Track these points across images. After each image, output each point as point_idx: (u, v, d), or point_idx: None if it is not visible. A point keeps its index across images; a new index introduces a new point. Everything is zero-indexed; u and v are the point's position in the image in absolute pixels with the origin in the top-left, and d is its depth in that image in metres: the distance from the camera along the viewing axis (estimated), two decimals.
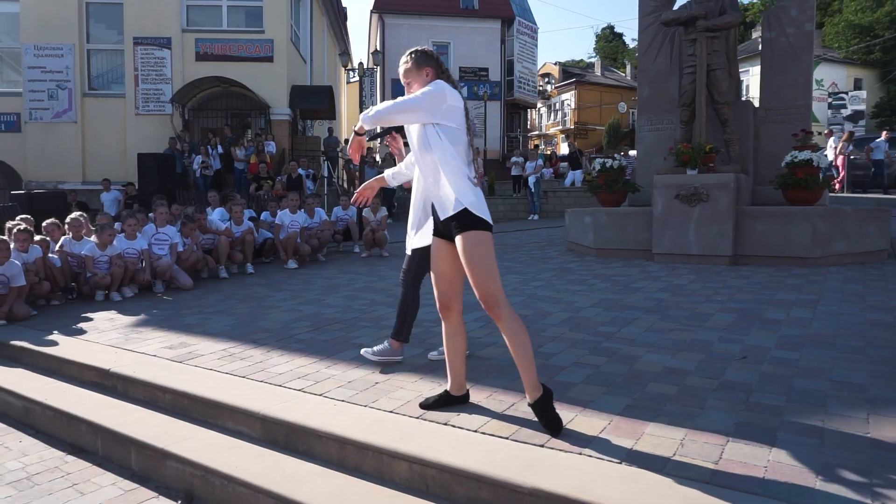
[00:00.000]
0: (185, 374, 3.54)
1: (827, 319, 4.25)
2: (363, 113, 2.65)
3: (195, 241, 6.94)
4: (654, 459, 2.27)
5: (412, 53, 2.82)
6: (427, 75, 2.76)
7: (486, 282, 2.54)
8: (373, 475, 2.50)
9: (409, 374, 3.41)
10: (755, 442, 2.38)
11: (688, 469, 2.19)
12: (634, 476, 2.13)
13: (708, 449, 2.34)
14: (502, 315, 2.58)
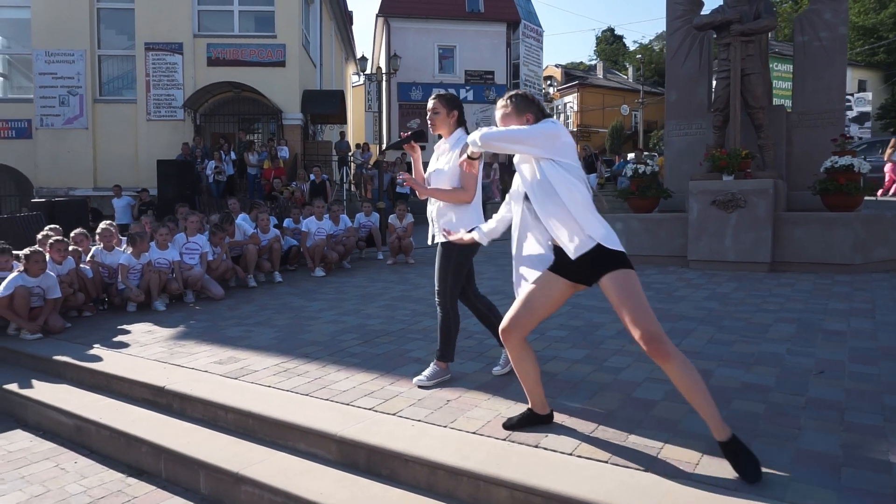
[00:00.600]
0: (245, 392, 3.44)
1: (891, 331, 4.16)
2: (471, 136, 2.53)
3: (225, 249, 6.84)
4: (768, 484, 2.17)
5: (512, 98, 2.65)
6: (528, 121, 2.59)
7: (645, 320, 2.30)
8: (467, 501, 2.41)
9: (479, 391, 3.31)
10: (870, 469, 2.28)
11: (810, 497, 2.09)
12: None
13: (821, 474, 2.24)
14: (669, 354, 2.28)
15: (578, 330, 4.54)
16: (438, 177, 3.39)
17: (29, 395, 4.08)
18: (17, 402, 4.16)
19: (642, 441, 2.59)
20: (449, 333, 3.44)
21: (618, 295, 2.36)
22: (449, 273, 3.39)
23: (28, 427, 4.03)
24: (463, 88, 28.24)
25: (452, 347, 3.47)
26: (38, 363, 4.61)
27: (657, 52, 61.38)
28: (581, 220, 2.40)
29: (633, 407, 2.98)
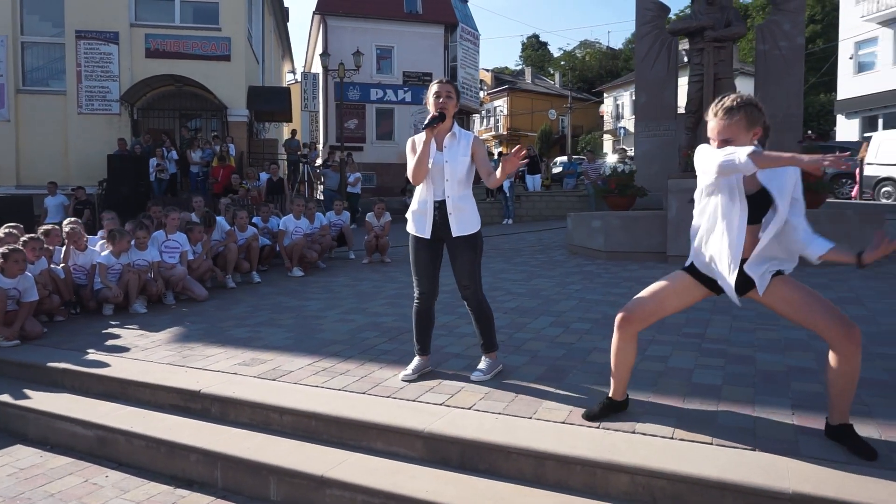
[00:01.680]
0: (294, 393, 3.27)
1: (888, 317, 4.48)
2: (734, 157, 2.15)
3: (206, 248, 6.48)
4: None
5: (743, 107, 2.28)
6: (755, 135, 2.32)
7: (832, 312, 2.34)
8: (582, 490, 2.38)
9: (537, 383, 3.29)
10: None
11: None
12: (847, 481, 2.13)
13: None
14: (860, 345, 2.30)
15: (599, 322, 4.61)
16: (456, 167, 3.23)
17: (29, 406, 3.71)
18: (12, 415, 3.76)
19: (731, 422, 2.66)
20: (490, 323, 3.42)
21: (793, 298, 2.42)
22: (477, 265, 3.35)
23: (29, 441, 3.64)
24: (401, 89, 28.14)
25: (495, 336, 3.45)
26: (26, 371, 4.19)
27: (581, 58, 63.62)
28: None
29: (701, 392, 3.05)
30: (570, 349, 3.92)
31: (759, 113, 2.31)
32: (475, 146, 3.30)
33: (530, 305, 5.28)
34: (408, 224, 3.40)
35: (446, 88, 3.22)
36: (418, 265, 3.36)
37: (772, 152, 2.11)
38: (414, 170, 3.21)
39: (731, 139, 2.28)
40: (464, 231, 3.24)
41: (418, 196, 3.33)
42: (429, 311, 3.45)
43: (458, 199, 3.24)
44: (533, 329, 4.47)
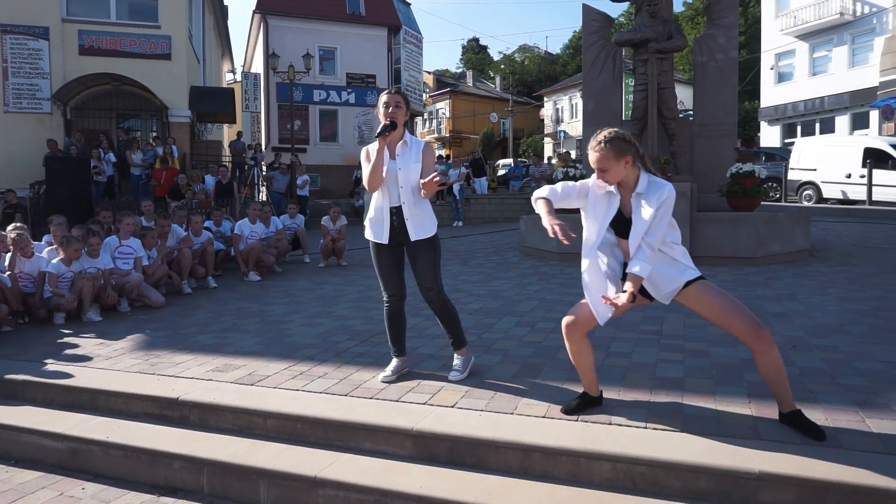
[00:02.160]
0: (277, 398, 3.30)
1: (820, 312, 4.88)
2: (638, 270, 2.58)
3: (161, 253, 6.33)
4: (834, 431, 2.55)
5: (609, 142, 2.60)
6: (626, 163, 2.62)
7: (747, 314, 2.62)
8: (567, 479, 2.55)
9: (513, 382, 3.45)
10: (886, 415, 2.75)
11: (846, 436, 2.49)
12: (805, 461, 2.39)
13: (852, 425, 2.67)
14: (773, 341, 2.59)
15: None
16: (409, 174, 3.33)
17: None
18: None
19: (696, 412, 2.88)
20: (456, 320, 3.55)
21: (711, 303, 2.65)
22: (437, 267, 3.48)
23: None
24: (344, 91, 27.94)
25: (463, 332, 3.58)
26: None
27: (520, 62, 64.85)
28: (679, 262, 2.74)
29: (666, 385, 3.28)
30: (538, 347, 4.10)
31: (626, 144, 2.62)
32: (424, 154, 3.39)
33: (493, 306, 5.45)
34: (366, 231, 3.50)
35: (395, 98, 3.32)
36: (382, 270, 3.47)
37: (542, 205, 2.76)
38: (369, 178, 3.31)
39: (605, 168, 2.62)
40: (422, 235, 3.38)
41: (374, 203, 3.43)
42: (399, 312, 3.55)
43: (413, 204, 3.35)
44: (500, 329, 4.63)
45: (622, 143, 2.61)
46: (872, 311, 4.85)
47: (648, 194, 2.62)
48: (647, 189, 2.64)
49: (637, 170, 2.67)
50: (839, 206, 14.25)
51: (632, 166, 2.64)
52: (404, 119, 3.37)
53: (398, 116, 3.31)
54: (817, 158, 15.96)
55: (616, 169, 2.62)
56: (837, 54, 24.80)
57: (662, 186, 2.63)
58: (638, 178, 2.66)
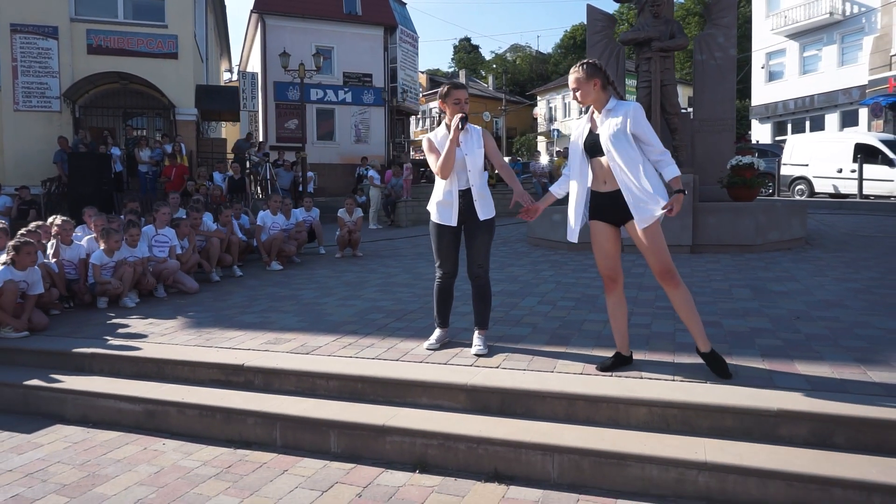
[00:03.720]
0: (336, 362, 3.63)
1: (820, 290, 5.27)
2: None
3: (192, 242, 6.64)
4: (828, 382, 2.92)
5: (583, 65, 3.18)
6: (595, 85, 3.15)
7: (665, 257, 3.14)
8: (607, 423, 2.90)
9: (548, 345, 3.80)
10: (885, 368, 3.12)
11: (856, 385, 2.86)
12: (817, 401, 2.76)
13: (856, 376, 3.04)
14: (679, 283, 3.16)
15: (581, 300, 5.18)
16: (475, 159, 3.66)
17: (65, 388, 3.88)
18: (46, 398, 3.92)
19: None
20: (490, 300, 3.86)
21: (650, 238, 3.13)
22: (490, 247, 3.83)
23: (68, 422, 3.83)
24: (341, 90, 28.16)
25: (490, 315, 3.88)
26: (48, 359, 4.33)
27: (512, 62, 65.29)
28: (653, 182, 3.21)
29: (687, 349, 3.62)
30: (563, 321, 4.46)
31: (596, 69, 3.16)
32: (486, 138, 3.75)
33: (513, 289, 5.80)
34: (432, 214, 3.82)
35: (466, 94, 3.70)
36: (441, 249, 3.79)
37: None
38: (443, 166, 3.62)
39: (578, 87, 3.18)
40: (487, 215, 3.71)
41: (443, 188, 3.75)
42: (450, 288, 3.90)
43: (480, 186, 3.69)
44: (525, 307, 4.98)
45: (593, 68, 3.16)
46: (868, 289, 5.24)
47: (616, 110, 3.14)
48: (615, 107, 3.16)
49: (607, 94, 3.18)
50: (831, 200, 14.72)
51: (602, 90, 3.15)
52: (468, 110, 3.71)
53: (467, 109, 3.67)
54: (809, 154, 16.44)
55: (586, 89, 3.15)
56: (827, 53, 25.37)
57: (629, 104, 3.15)
58: (608, 100, 3.18)
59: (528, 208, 3.55)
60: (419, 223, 14.12)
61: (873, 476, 2.34)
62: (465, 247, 3.84)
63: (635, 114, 3.10)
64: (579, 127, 3.33)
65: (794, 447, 2.58)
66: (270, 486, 2.83)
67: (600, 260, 3.32)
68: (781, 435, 2.64)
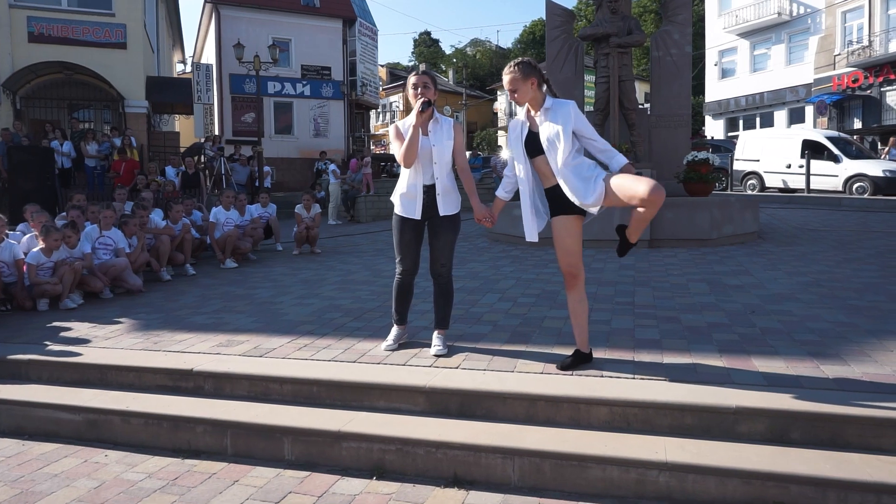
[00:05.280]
0: (290, 365, 3.50)
1: (773, 284, 5.37)
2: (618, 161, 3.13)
3: (141, 241, 6.36)
4: (784, 378, 2.95)
5: (518, 64, 3.11)
6: (532, 84, 3.10)
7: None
8: (569, 423, 2.86)
9: (508, 344, 3.75)
10: (836, 362, 3.18)
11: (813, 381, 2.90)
12: (773, 397, 2.78)
13: (809, 371, 3.08)
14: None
15: (541, 297, 5.15)
16: (443, 151, 3.53)
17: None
18: None
19: (677, 365, 3.25)
20: (451, 300, 3.79)
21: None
22: (454, 245, 3.74)
23: (0, 434, 3.60)
24: (299, 83, 27.68)
25: (450, 313, 3.80)
26: None
27: (472, 56, 65.32)
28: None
29: (646, 345, 3.64)
30: (524, 319, 4.42)
31: (531, 68, 3.11)
32: (456, 131, 3.62)
33: (474, 285, 5.74)
34: (395, 206, 3.71)
35: (422, 79, 3.52)
36: (402, 244, 3.69)
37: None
38: (405, 154, 3.47)
39: (515, 88, 3.11)
40: (450, 211, 3.60)
41: (407, 180, 3.64)
42: (410, 285, 3.80)
43: (446, 181, 3.57)
44: (485, 304, 4.93)
45: (528, 67, 3.09)
46: (817, 282, 5.37)
47: (555, 109, 3.11)
48: (553, 105, 3.12)
49: (543, 94, 3.15)
50: (781, 194, 15.17)
51: (538, 89, 3.11)
52: (434, 97, 3.55)
53: (430, 95, 3.47)
54: (760, 150, 16.90)
55: (524, 89, 3.09)
56: (776, 52, 26.16)
57: (567, 102, 3.12)
58: (544, 99, 3.13)
59: (488, 220, 3.55)
60: (379, 218, 13.97)
61: (827, 472, 2.36)
62: (427, 244, 3.74)
63: (577, 111, 3.10)
64: (516, 129, 3.28)
65: (752, 444, 2.59)
66: (219, 499, 2.69)
67: (562, 256, 3.28)
68: (740, 432, 2.65)
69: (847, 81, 22.59)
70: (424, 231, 3.71)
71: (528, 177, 3.26)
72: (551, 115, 3.12)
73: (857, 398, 2.69)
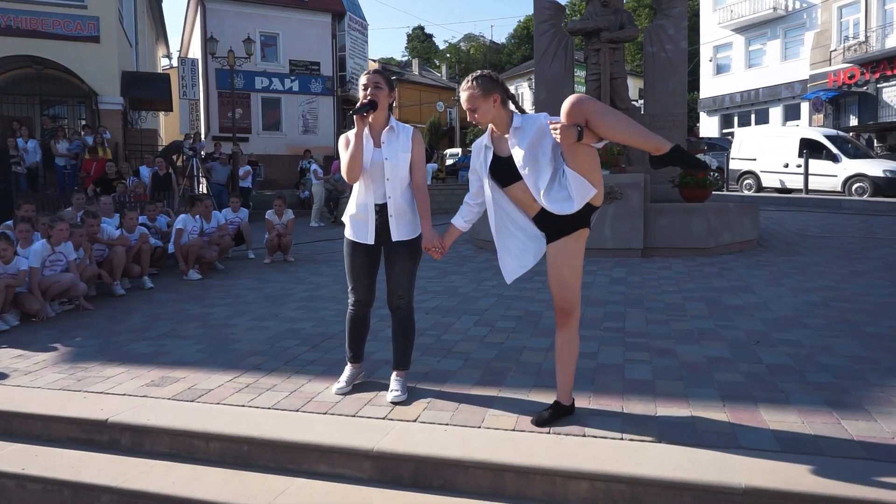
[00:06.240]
0: (219, 416, 3.00)
1: (777, 303, 4.89)
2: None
3: (89, 252, 5.82)
4: (800, 438, 2.47)
5: (476, 79, 2.61)
6: (495, 102, 2.61)
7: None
8: (542, 499, 2.37)
9: (477, 388, 3.26)
10: (860, 416, 2.69)
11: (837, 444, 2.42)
12: (790, 472, 2.29)
13: (830, 429, 2.59)
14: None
15: (523, 319, 4.66)
16: (397, 165, 3.00)
17: None
18: None
19: (673, 419, 2.76)
20: (412, 337, 3.25)
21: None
22: (414, 274, 3.19)
23: None
24: (288, 78, 27.12)
25: (412, 353, 3.26)
26: None
27: (465, 52, 64.70)
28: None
29: (637, 388, 3.15)
30: (500, 349, 3.92)
31: (493, 83, 2.62)
32: (414, 142, 3.07)
33: (450, 304, 5.24)
34: (346, 229, 3.21)
35: (373, 78, 2.96)
36: (354, 272, 3.18)
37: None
38: (348, 167, 2.97)
39: (474, 107, 2.60)
40: (404, 235, 3.08)
41: (356, 198, 3.13)
42: (365, 317, 3.30)
43: (400, 200, 3.05)
44: (459, 330, 4.43)
45: (489, 82, 2.61)
46: (824, 301, 4.89)
47: (526, 127, 2.60)
48: (522, 123, 2.62)
49: (508, 112, 2.66)
50: (779, 196, 14.71)
51: (502, 107, 2.64)
52: (388, 101, 3.00)
53: (379, 97, 2.94)
54: (756, 149, 16.43)
55: (485, 108, 2.61)
56: (771, 48, 25.69)
57: (537, 118, 2.61)
58: (511, 117, 2.65)
59: (437, 250, 3.01)
60: None
61: None
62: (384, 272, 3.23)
63: (548, 128, 2.55)
64: (479, 155, 2.76)
65: None
66: None
67: (557, 290, 2.71)
68: None
69: (843, 78, 22.15)
70: (381, 256, 3.21)
71: (501, 209, 2.75)
72: (525, 134, 2.60)
73: (891, 473, 2.21)
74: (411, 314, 3.21)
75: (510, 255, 2.80)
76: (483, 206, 2.89)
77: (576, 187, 2.56)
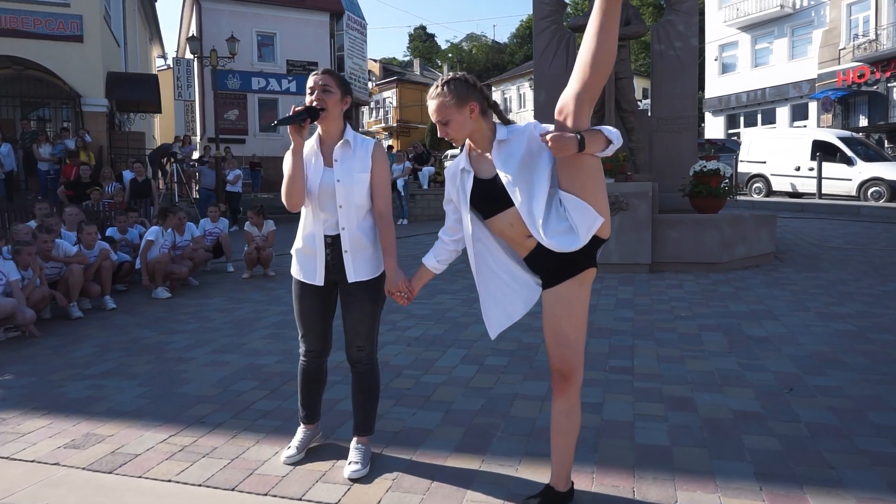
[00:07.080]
0: (138, 497, 2.43)
1: (805, 334, 4.31)
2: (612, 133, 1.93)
3: (37, 272, 5.27)
4: None
5: (448, 84, 2.05)
6: (472, 112, 2.05)
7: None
8: None
9: (455, 457, 2.69)
10: None
11: None
12: None
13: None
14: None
15: (516, 355, 4.09)
16: (352, 189, 2.42)
17: None
18: None
19: (692, 498, 2.19)
20: (376, 398, 2.65)
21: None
22: (376, 321, 2.58)
23: None
24: (285, 78, 26.67)
25: (375, 415, 2.67)
26: None
27: (467, 51, 64.14)
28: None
29: (651, 459, 2.58)
30: (488, 398, 3.35)
31: (469, 88, 2.06)
32: (375, 159, 2.47)
33: (436, 334, 4.67)
34: (292, 266, 2.64)
35: (322, 79, 2.38)
36: (304, 317, 2.60)
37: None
38: (284, 189, 2.39)
39: (445, 119, 2.05)
40: (363, 275, 2.49)
41: (303, 229, 2.55)
42: (319, 370, 2.72)
43: (356, 230, 2.46)
44: (442, 369, 3.86)
45: (464, 87, 2.05)
46: (861, 332, 4.31)
47: (515, 140, 2.07)
48: (508, 136, 2.08)
49: (490, 123, 2.12)
50: (792, 202, 14.10)
51: (480, 117, 2.08)
52: (341, 108, 2.43)
53: (328, 103, 2.37)
54: (766, 151, 15.83)
55: (459, 120, 2.05)
56: (778, 46, 25.07)
57: (525, 128, 2.08)
58: (493, 130, 2.11)
59: (403, 295, 2.40)
60: None
61: None
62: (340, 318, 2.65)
63: (537, 136, 2.05)
64: (455, 179, 2.20)
65: None
66: None
67: (553, 347, 2.12)
68: None
69: (853, 77, 21.50)
70: (336, 299, 2.63)
71: (484, 247, 2.20)
72: (513, 147, 2.05)
73: None
74: (374, 369, 2.63)
75: (495, 303, 2.24)
76: (461, 244, 2.31)
77: (578, 216, 1.99)
